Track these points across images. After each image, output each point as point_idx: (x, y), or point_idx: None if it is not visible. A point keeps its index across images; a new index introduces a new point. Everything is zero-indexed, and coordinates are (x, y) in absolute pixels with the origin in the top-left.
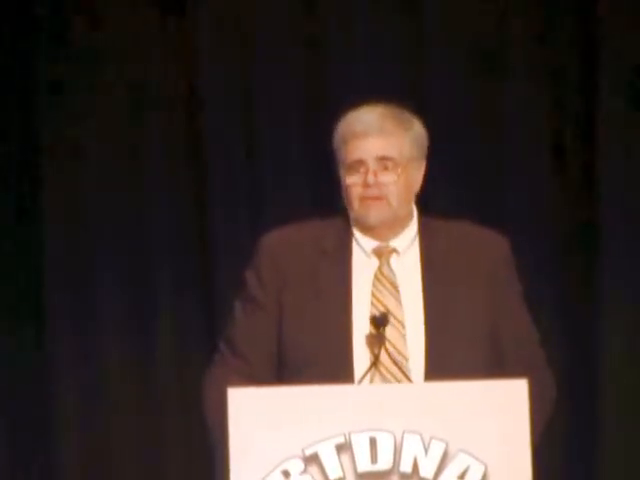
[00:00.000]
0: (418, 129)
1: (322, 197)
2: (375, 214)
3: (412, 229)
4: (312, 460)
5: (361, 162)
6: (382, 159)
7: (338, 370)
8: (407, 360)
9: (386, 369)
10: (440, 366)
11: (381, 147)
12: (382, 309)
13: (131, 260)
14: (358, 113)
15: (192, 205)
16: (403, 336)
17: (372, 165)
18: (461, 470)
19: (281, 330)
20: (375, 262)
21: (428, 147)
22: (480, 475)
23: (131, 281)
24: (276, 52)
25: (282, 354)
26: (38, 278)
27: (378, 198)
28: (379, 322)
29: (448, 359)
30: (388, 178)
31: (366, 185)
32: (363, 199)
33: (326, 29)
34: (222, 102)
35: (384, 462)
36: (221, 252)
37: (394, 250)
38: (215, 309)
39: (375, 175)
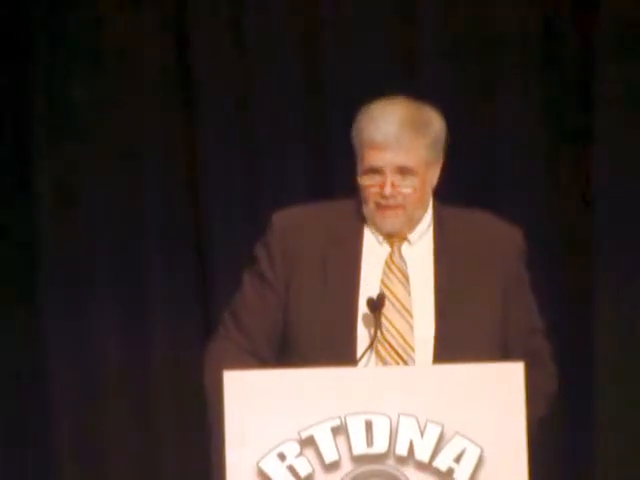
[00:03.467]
0: (436, 129)
1: (321, 196)
2: (391, 223)
3: (426, 219)
4: (308, 443)
5: (379, 170)
6: (400, 169)
7: (341, 354)
8: (413, 350)
9: (386, 353)
10: (449, 356)
11: (399, 158)
12: (390, 297)
13: (129, 258)
14: (377, 117)
15: (189, 204)
16: (410, 325)
17: (390, 175)
18: (457, 453)
19: (287, 310)
20: (386, 249)
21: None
22: (476, 458)
23: (129, 280)
24: (276, 51)
25: (287, 335)
26: (37, 278)
27: (394, 207)
28: (375, 305)
29: (457, 349)
30: (406, 188)
31: (383, 195)
32: (380, 207)
33: (326, 28)
34: (220, 101)
35: (380, 445)
36: (218, 250)
37: (406, 238)
38: (212, 307)
39: (393, 186)
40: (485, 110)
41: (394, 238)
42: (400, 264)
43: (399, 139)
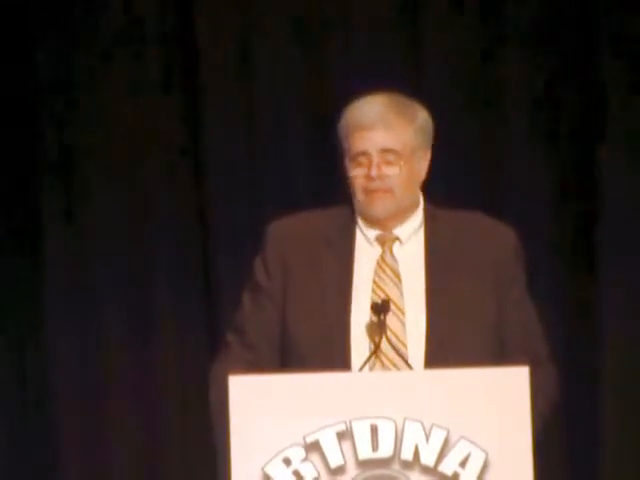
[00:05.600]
0: (423, 118)
1: (322, 197)
2: (380, 207)
3: (417, 218)
4: (313, 447)
5: (365, 154)
6: (385, 151)
7: (335, 358)
8: (406, 348)
9: (386, 357)
10: (440, 355)
11: (384, 139)
12: (383, 297)
13: (131, 260)
14: (362, 104)
15: (192, 205)
16: (403, 324)
17: (376, 157)
18: (462, 457)
19: (285, 316)
20: (378, 250)
21: (434, 134)
22: (481, 462)
23: (131, 281)
24: (276, 52)
25: (284, 341)
26: (38, 278)
27: (382, 190)
28: (379, 309)
29: (449, 348)
30: (391, 171)
31: (370, 178)
32: (368, 192)
33: (326, 29)
34: (222, 102)
35: (385, 450)
36: (221, 252)
37: (397, 238)
38: (215, 309)
39: (379, 168)
40: (489, 115)
41: (385, 237)
42: (392, 264)
43: (384, 119)
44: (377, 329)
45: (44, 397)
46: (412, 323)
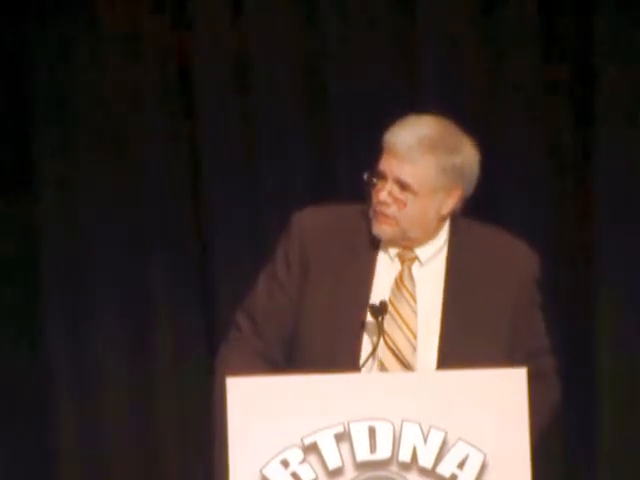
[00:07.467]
0: (461, 157)
1: (322, 197)
2: (379, 230)
3: (440, 239)
4: (311, 449)
5: (383, 176)
6: (399, 182)
7: (345, 367)
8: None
9: (388, 364)
10: None
11: (401, 171)
12: (395, 316)
13: (130, 260)
14: (403, 126)
15: (191, 205)
16: (414, 347)
17: (390, 183)
18: (460, 459)
19: (299, 315)
20: (397, 267)
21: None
22: (479, 464)
23: (130, 281)
24: (276, 51)
25: (296, 340)
26: (37, 278)
27: (383, 216)
28: (377, 311)
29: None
30: (399, 203)
31: (378, 200)
32: (375, 212)
33: (325, 29)
34: (222, 102)
35: (383, 451)
36: (220, 252)
37: (417, 258)
38: (213, 308)
39: (389, 194)
40: (485, 116)
41: (405, 255)
42: (409, 284)
43: (411, 151)
44: (375, 331)
45: (42, 398)
46: (424, 346)
